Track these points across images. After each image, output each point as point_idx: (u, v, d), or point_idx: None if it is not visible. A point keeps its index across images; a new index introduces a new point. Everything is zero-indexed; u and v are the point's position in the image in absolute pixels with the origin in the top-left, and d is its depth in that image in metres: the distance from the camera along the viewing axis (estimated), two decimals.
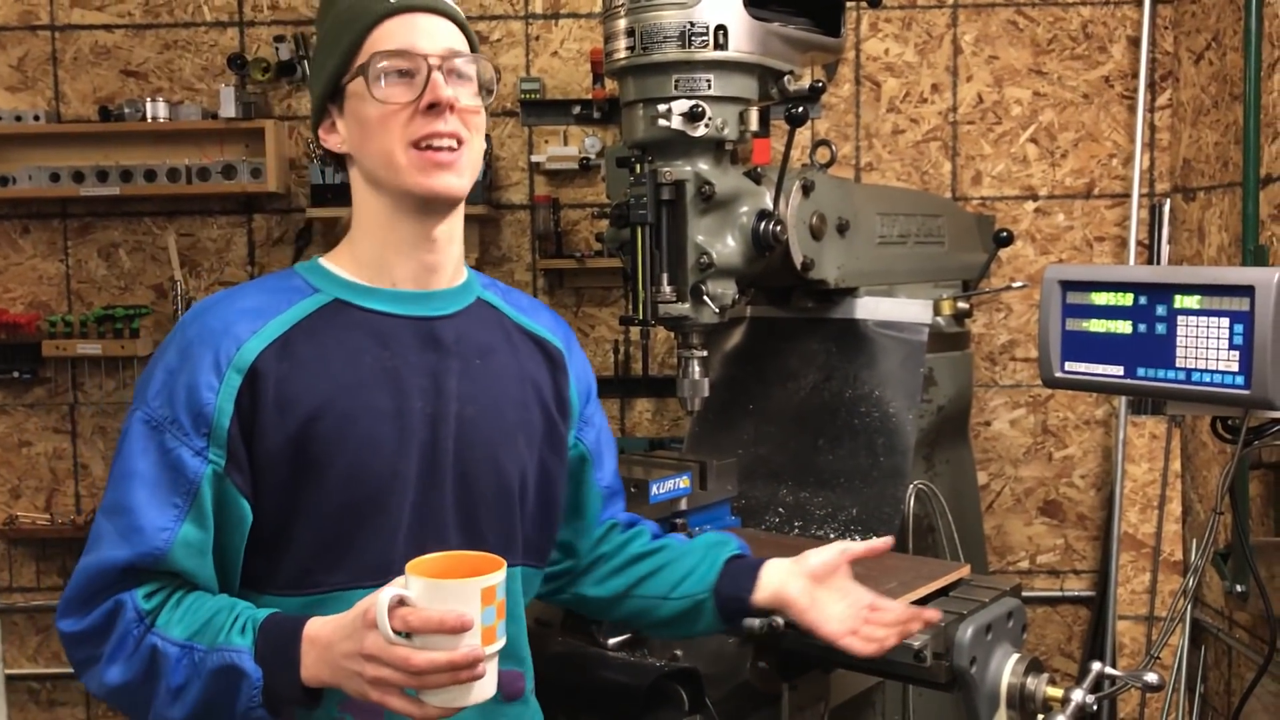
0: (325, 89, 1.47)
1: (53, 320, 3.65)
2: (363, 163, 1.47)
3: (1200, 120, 3.36)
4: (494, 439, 1.50)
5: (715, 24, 2.08)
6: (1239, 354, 1.86)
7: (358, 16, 1.44)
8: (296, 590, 1.39)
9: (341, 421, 1.39)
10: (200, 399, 1.35)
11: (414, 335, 1.47)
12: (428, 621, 1.18)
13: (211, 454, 1.34)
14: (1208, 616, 3.30)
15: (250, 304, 1.42)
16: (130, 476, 1.34)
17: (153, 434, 1.35)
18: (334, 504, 1.38)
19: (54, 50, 3.72)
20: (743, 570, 1.67)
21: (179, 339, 1.40)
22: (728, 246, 2.17)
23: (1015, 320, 3.66)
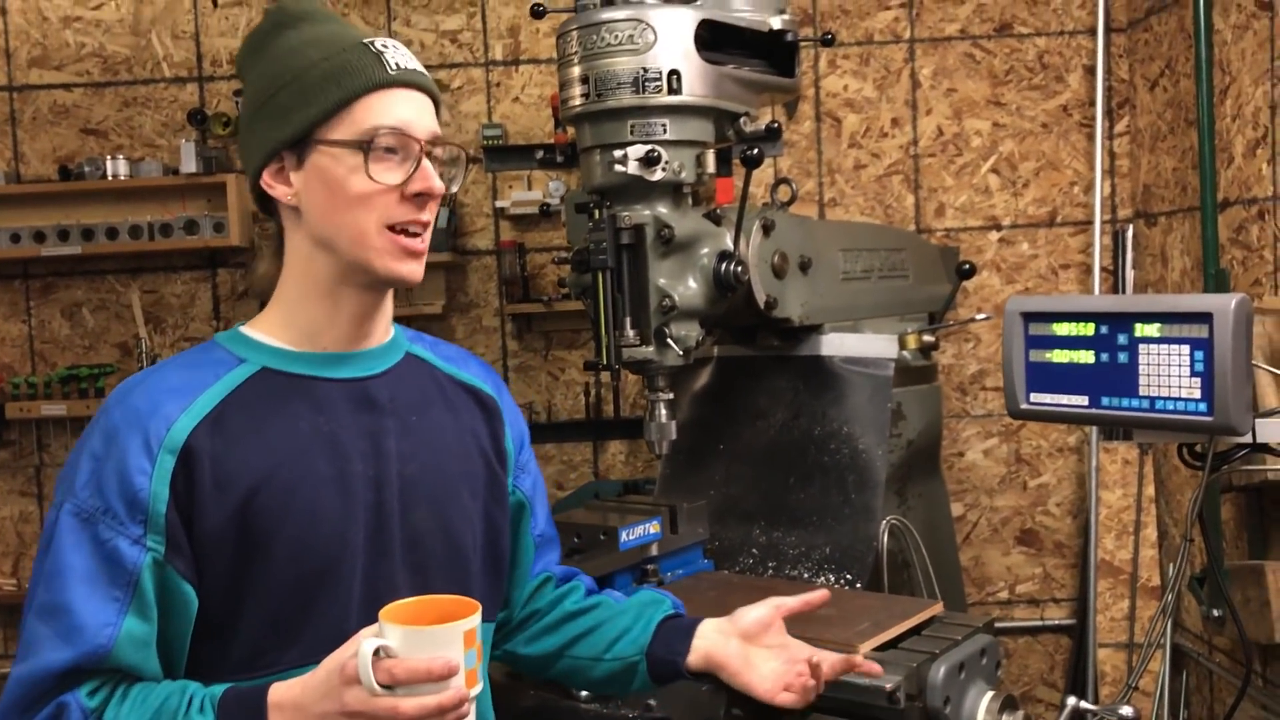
0: (288, 135, 1.38)
1: (16, 382, 3.61)
2: (319, 226, 1.39)
3: (1158, 146, 3.39)
4: (439, 496, 1.48)
5: (669, 69, 2.09)
6: (1200, 380, 1.86)
7: (349, 74, 1.37)
8: (249, 673, 1.33)
9: (283, 493, 1.34)
10: (133, 484, 1.28)
11: (347, 398, 1.42)
12: (414, 671, 1.16)
13: (150, 541, 1.28)
14: (1187, 641, 3.29)
15: (175, 381, 1.36)
16: (63, 573, 1.27)
17: (84, 526, 1.28)
18: (283, 579, 1.33)
19: (12, 110, 3.70)
20: (676, 632, 1.63)
21: (103, 424, 1.33)
22: (690, 288, 2.17)
23: (984, 350, 3.67)
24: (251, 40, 1.46)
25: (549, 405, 3.75)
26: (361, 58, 1.38)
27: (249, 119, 1.44)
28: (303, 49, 1.40)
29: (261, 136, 1.40)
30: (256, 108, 1.42)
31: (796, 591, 2.05)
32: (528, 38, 3.70)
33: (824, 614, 1.90)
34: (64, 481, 1.33)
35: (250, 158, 1.43)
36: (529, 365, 3.77)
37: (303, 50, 1.40)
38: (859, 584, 2.29)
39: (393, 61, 1.39)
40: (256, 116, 1.42)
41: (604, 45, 2.09)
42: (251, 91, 1.44)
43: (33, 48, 3.69)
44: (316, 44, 1.40)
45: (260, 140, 1.40)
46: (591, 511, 2.33)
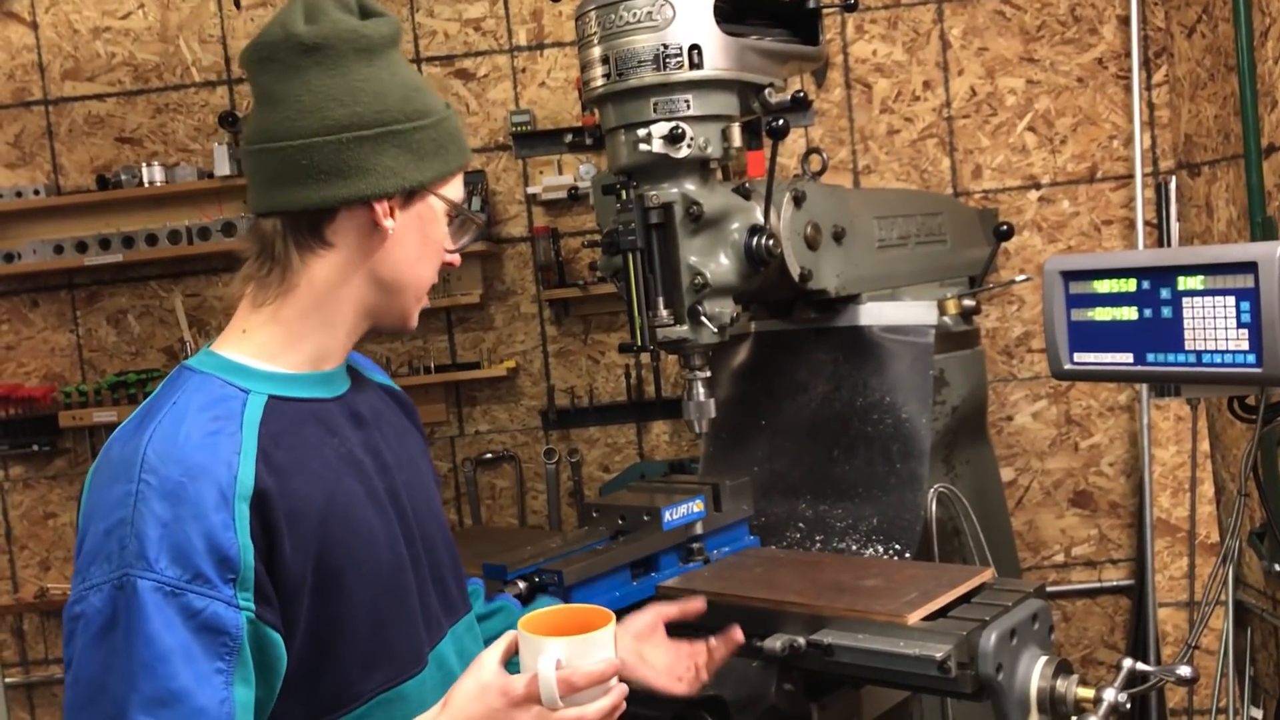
0: (428, 179, 1.36)
1: (67, 391, 3.67)
2: (394, 267, 1.37)
3: (1198, 94, 3.31)
4: (430, 497, 1.51)
5: (689, 44, 2.07)
6: (1248, 332, 1.82)
7: (462, 147, 1.43)
8: (336, 711, 1.29)
9: (344, 520, 1.30)
10: (221, 542, 1.18)
11: (343, 416, 1.40)
12: (591, 677, 1.20)
13: (241, 600, 1.18)
14: (1250, 597, 3.23)
15: (206, 422, 1.25)
16: (166, 658, 1.14)
17: (170, 600, 1.15)
18: (362, 607, 1.30)
19: (49, 124, 3.75)
20: None
21: (156, 485, 1.18)
22: (721, 265, 2.15)
23: (1029, 312, 3.62)
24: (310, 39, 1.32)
25: (590, 389, 3.75)
26: (460, 129, 1.45)
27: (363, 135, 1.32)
28: (425, 89, 1.40)
29: (390, 164, 1.33)
30: (380, 126, 1.33)
31: (844, 565, 2.05)
32: (550, 21, 3.68)
33: (871, 585, 1.89)
34: (105, 554, 1.18)
35: (363, 177, 1.32)
36: (569, 350, 3.77)
37: (425, 91, 1.39)
38: (908, 554, 2.27)
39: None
40: (381, 138, 1.33)
41: (623, 24, 2.07)
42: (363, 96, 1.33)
43: (65, 60, 3.74)
44: (433, 93, 1.42)
45: (389, 168, 1.33)
46: (635, 493, 2.33)
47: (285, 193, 1.32)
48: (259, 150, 1.33)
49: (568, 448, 3.77)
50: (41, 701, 3.85)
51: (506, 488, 3.81)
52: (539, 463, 3.77)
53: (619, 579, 1.99)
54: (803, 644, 1.76)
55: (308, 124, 1.30)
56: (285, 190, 1.32)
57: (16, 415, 3.72)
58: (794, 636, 1.77)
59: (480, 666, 1.23)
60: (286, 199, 1.32)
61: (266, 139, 1.32)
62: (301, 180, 1.31)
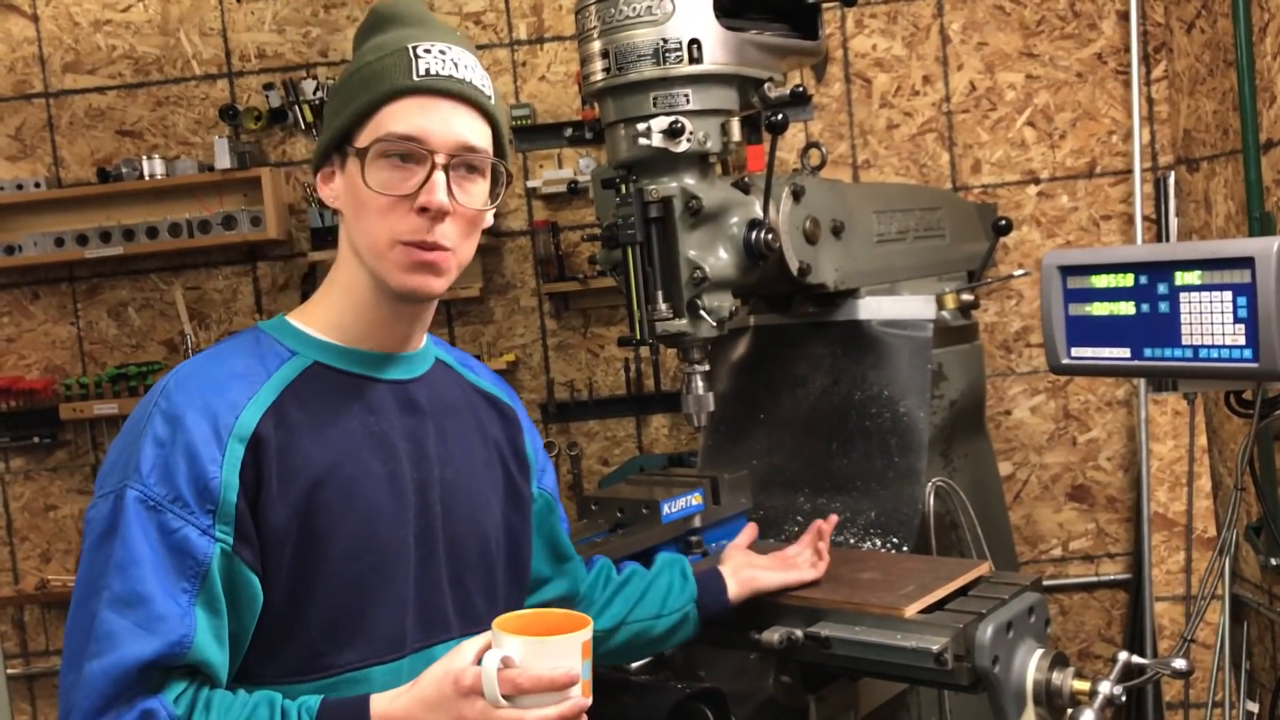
0: (331, 140, 1.38)
1: (68, 383, 3.68)
2: (350, 233, 1.40)
3: (1197, 89, 3.32)
4: (473, 500, 1.49)
5: (689, 38, 2.07)
6: (1244, 327, 1.83)
7: (380, 80, 1.33)
8: (303, 676, 1.30)
9: (344, 490, 1.32)
10: (204, 471, 1.24)
11: (393, 399, 1.42)
12: (538, 681, 1.17)
13: (218, 531, 1.24)
14: (1247, 591, 3.24)
15: (236, 367, 1.32)
16: (138, 563, 1.21)
17: (151, 514, 1.22)
18: (342, 577, 1.31)
19: (50, 116, 3.76)
20: (709, 577, 1.84)
21: (164, 408, 1.27)
22: (720, 259, 2.16)
23: (1027, 306, 3.63)
24: (354, 41, 1.46)
25: (590, 382, 3.76)
26: (396, 62, 1.33)
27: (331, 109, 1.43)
28: (367, 53, 1.38)
29: (320, 140, 1.42)
30: (326, 109, 1.44)
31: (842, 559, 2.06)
32: (551, 14, 3.68)
33: (868, 578, 1.90)
34: (118, 467, 1.27)
35: (315, 158, 1.43)
36: (568, 344, 3.78)
37: (362, 54, 1.39)
38: (905, 547, 2.28)
39: (424, 67, 1.33)
40: (325, 117, 1.43)
41: (622, 18, 2.07)
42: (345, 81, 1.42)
43: (65, 53, 3.74)
44: (375, 47, 1.37)
45: (319, 143, 1.42)
46: (634, 486, 2.34)
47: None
48: None
49: (567, 441, 3.78)
50: (43, 693, 3.86)
51: None
52: None
53: None
54: (800, 636, 1.77)
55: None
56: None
57: (17, 407, 3.72)
58: (792, 629, 1.78)
59: (454, 654, 1.23)
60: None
61: None
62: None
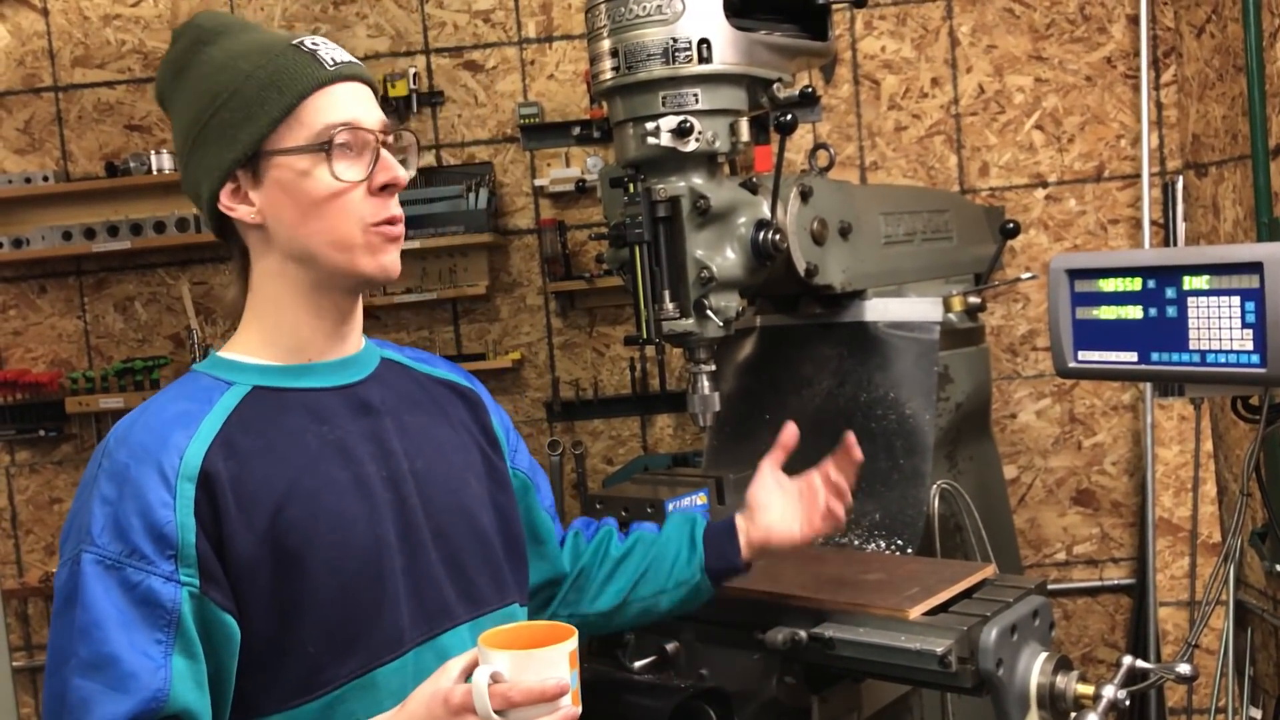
0: (240, 153, 1.33)
1: (74, 377, 3.69)
2: (291, 240, 1.36)
3: (1206, 94, 3.31)
4: (451, 485, 1.48)
5: (698, 38, 2.07)
6: (1253, 332, 1.83)
7: (288, 78, 1.33)
8: (308, 695, 1.30)
9: (308, 504, 1.31)
10: (157, 519, 1.22)
11: (343, 404, 1.41)
12: (529, 693, 1.17)
13: (183, 575, 1.22)
14: (1251, 598, 3.24)
15: (172, 411, 1.31)
16: (101, 624, 1.19)
17: (110, 573, 1.21)
18: (328, 590, 1.31)
19: (58, 110, 3.76)
20: (722, 539, 1.73)
21: (107, 467, 1.26)
22: (728, 259, 2.16)
23: (1034, 310, 3.62)
24: (171, 64, 1.40)
25: (595, 381, 3.76)
26: (296, 59, 1.35)
27: (189, 147, 1.38)
28: (231, 63, 1.36)
29: (210, 161, 1.35)
30: (197, 131, 1.36)
31: (846, 560, 2.06)
32: (560, 13, 3.69)
33: (873, 579, 1.90)
34: (72, 535, 1.26)
35: (200, 184, 1.37)
36: (574, 342, 3.78)
37: (232, 64, 1.36)
38: (910, 549, 2.28)
39: (328, 57, 1.36)
40: (199, 141, 1.36)
41: (632, 17, 2.07)
42: (185, 117, 1.38)
43: (75, 47, 3.75)
44: (245, 55, 1.36)
45: (209, 164, 1.35)
46: (639, 485, 2.34)
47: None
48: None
49: (572, 440, 3.78)
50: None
51: None
52: (543, 454, 3.78)
53: None
54: (804, 637, 1.77)
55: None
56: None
57: (23, 400, 3.73)
58: (796, 630, 1.78)
59: (440, 673, 1.24)
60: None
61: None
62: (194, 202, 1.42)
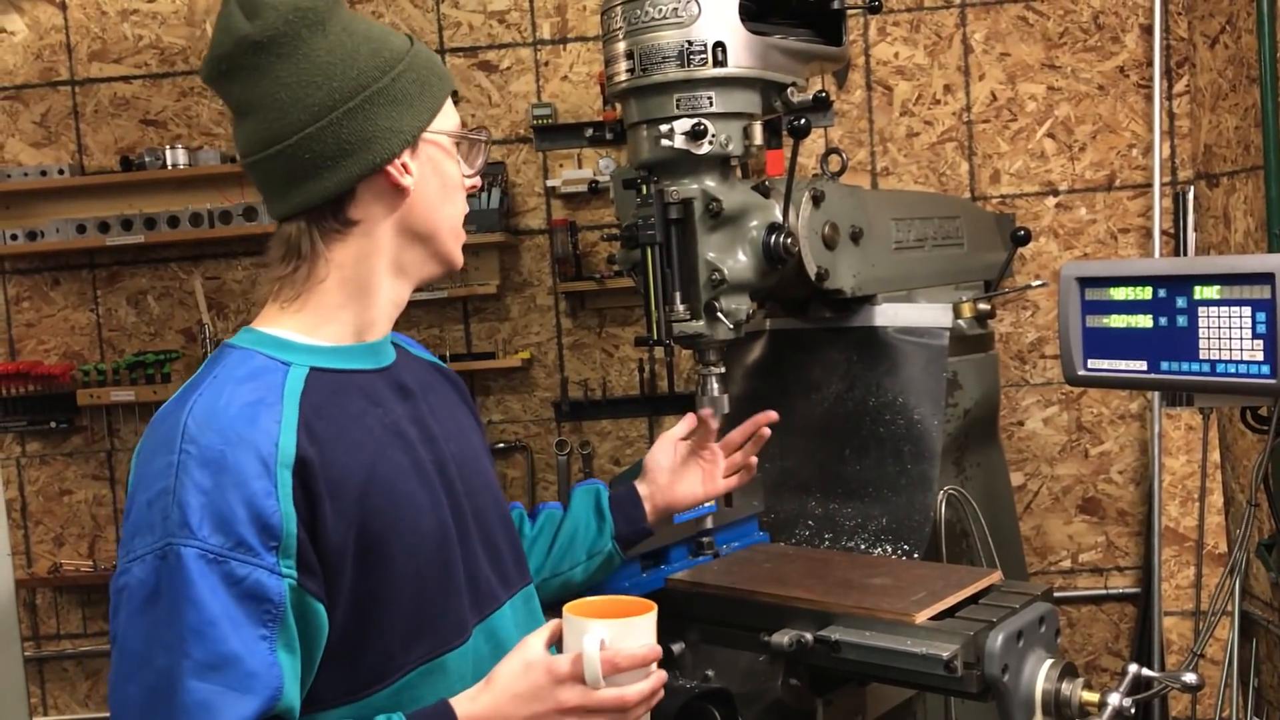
0: (425, 121, 1.37)
1: (86, 369, 3.71)
2: (423, 217, 1.39)
3: (1219, 105, 3.31)
4: (481, 468, 1.51)
5: (713, 41, 2.08)
6: (1263, 343, 1.83)
7: (443, 74, 1.41)
8: (380, 683, 1.29)
9: (386, 490, 1.30)
10: (263, 509, 1.18)
11: (388, 387, 1.40)
12: (634, 659, 1.24)
13: (283, 567, 1.19)
14: (1256, 609, 3.24)
15: (246, 394, 1.26)
16: (214, 622, 1.15)
17: (213, 567, 1.16)
18: (406, 577, 1.30)
19: (75, 104, 3.79)
20: (628, 506, 1.84)
21: (196, 454, 1.19)
22: (739, 262, 2.16)
23: (1043, 317, 3.62)
24: (312, 11, 1.32)
25: (604, 382, 3.77)
26: (433, 54, 1.43)
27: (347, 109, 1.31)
28: (385, 34, 1.37)
29: (390, 123, 1.33)
30: (362, 91, 1.31)
31: (853, 563, 2.06)
32: (575, 15, 3.70)
33: (879, 583, 1.90)
34: (150, 525, 1.18)
35: (373, 143, 1.32)
36: (583, 343, 3.79)
37: (386, 36, 1.37)
38: (916, 554, 2.28)
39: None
40: (371, 101, 1.32)
41: (648, 20, 2.08)
42: (336, 73, 1.31)
43: (92, 42, 3.77)
44: (389, 34, 1.39)
45: (389, 126, 1.33)
46: None
47: (301, 192, 1.32)
48: (259, 160, 1.33)
49: (579, 440, 3.79)
50: (52, 676, 3.89)
51: (518, 478, 3.83)
52: (550, 454, 3.79)
53: (629, 570, 2.00)
54: (810, 640, 1.77)
55: (295, 119, 1.30)
56: (300, 189, 1.32)
57: (35, 392, 3.75)
58: (801, 632, 1.78)
59: (525, 648, 1.27)
60: (305, 197, 1.32)
61: (262, 147, 1.32)
62: (312, 174, 1.31)
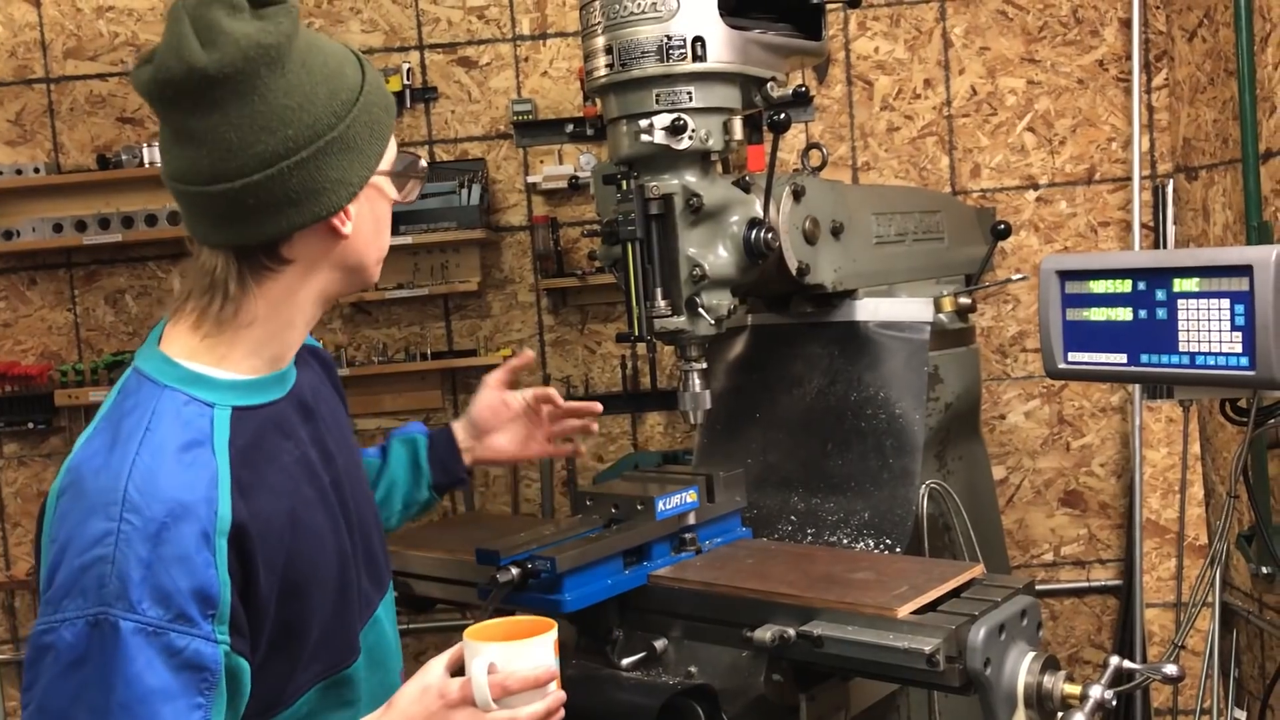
0: (370, 169, 1.33)
1: (64, 369, 3.68)
2: (358, 252, 1.36)
3: (1198, 98, 3.33)
4: (359, 476, 1.53)
5: (692, 36, 2.07)
6: (1242, 335, 1.84)
7: (389, 105, 1.36)
8: (283, 705, 1.34)
9: (304, 533, 1.33)
10: (203, 580, 1.18)
11: (295, 412, 1.41)
12: (524, 681, 1.25)
13: (218, 635, 1.20)
14: (1237, 600, 3.25)
15: (176, 447, 1.23)
16: (147, 699, 1.15)
17: (151, 640, 1.15)
18: (319, 609, 1.35)
19: (50, 102, 3.75)
20: (445, 457, 1.92)
21: (139, 524, 1.17)
22: (720, 257, 2.16)
23: (1024, 311, 3.63)
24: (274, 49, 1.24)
25: (586, 379, 3.76)
26: (381, 80, 1.37)
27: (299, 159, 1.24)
28: (341, 66, 1.30)
29: (336, 175, 1.28)
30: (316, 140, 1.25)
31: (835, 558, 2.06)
32: (554, 10, 3.68)
33: (862, 578, 1.90)
34: (85, 590, 1.16)
35: (324, 194, 1.27)
36: (565, 339, 3.78)
37: (342, 68, 1.30)
38: (898, 548, 2.29)
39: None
40: (322, 153, 1.26)
41: (627, 14, 2.08)
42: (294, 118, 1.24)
43: (67, 39, 3.73)
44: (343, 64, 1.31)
45: (340, 178, 1.28)
46: (629, 482, 2.34)
47: (234, 232, 1.27)
48: (197, 193, 1.26)
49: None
50: None
51: (500, 475, 3.82)
52: None
53: (611, 567, 2.00)
54: (792, 635, 1.77)
55: (242, 163, 1.23)
56: (234, 229, 1.26)
57: (12, 393, 3.71)
58: (784, 627, 1.78)
59: (425, 671, 1.29)
60: (237, 237, 1.27)
61: (201, 182, 1.25)
62: (251, 219, 1.25)
